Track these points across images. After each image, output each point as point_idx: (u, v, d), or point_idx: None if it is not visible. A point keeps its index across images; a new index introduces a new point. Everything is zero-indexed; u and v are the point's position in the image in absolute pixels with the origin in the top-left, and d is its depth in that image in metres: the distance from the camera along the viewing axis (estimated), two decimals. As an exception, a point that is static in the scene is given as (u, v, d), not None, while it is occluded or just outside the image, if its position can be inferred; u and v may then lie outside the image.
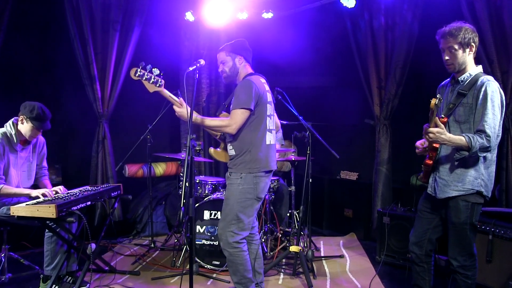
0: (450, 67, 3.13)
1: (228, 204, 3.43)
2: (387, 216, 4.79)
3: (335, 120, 6.53)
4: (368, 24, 5.61)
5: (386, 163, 5.61)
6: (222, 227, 3.42)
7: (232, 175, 3.47)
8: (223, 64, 3.62)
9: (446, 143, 2.97)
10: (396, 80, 5.40)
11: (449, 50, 3.08)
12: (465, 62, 3.09)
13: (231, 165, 3.52)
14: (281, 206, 5.55)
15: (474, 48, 3.09)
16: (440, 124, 2.95)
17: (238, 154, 3.46)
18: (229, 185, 3.47)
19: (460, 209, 3.07)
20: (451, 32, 3.05)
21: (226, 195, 3.48)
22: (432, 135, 2.96)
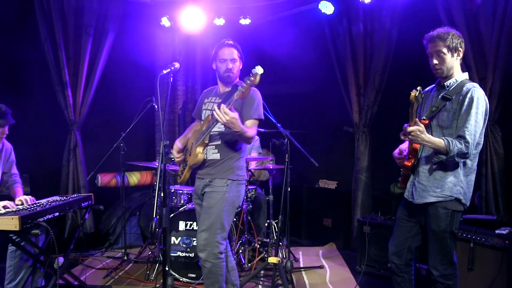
0: (439, 71, 3.07)
1: (212, 214, 3.24)
2: (367, 225, 4.71)
3: (314, 128, 6.44)
4: (346, 31, 5.57)
5: (365, 171, 5.54)
6: (207, 238, 3.21)
7: (216, 182, 3.30)
8: (234, 62, 3.38)
9: (425, 143, 2.91)
10: (375, 87, 5.35)
11: (437, 54, 3.03)
12: (452, 67, 3.04)
13: (212, 171, 3.33)
14: (259, 216, 5.41)
15: (461, 53, 3.05)
16: (420, 124, 2.87)
17: (224, 159, 3.32)
18: (212, 193, 3.29)
19: (440, 216, 3.00)
20: (440, 36, 3.00)
21: (208, 204, 3.28)
22: (413, 134, 2.88)
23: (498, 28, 4.21)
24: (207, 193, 3.31)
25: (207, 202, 3.29)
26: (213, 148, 3.35)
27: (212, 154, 3.35)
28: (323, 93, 6.37)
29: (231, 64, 3.35)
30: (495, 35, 4.23)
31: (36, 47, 5.49)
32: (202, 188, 3.37)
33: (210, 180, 3.32)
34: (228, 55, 3.36)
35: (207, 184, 3.32)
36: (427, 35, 3.09)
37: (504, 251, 3.64)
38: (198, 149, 3.28)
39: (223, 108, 2.98)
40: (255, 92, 3.36)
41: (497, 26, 4.21)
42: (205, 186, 3.34)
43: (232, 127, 3.02)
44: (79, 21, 5.61)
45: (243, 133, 3.09)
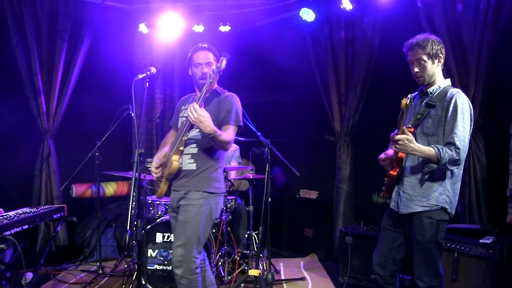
0: (420, 79, 3.02)
1: (188, 228, 3.06)
2: (349, 235, 4.62)
3: (295, 137, 6.37)
4: (328, 38, 5.51)
5: (347, 181, 5.45)
6: (183, 254, 3.03)
7: (192, 194, 3.11)
8: (210, 66, 3.19)
9: (415, 153, 2.83)
10: (356, 95, 5.29)
11: (418, 62, 2.98)
12: (434, 74, 3.00)
13: (188, 183, 3.14)
14: (239, 227, 5.28)
15: (442, 59, 3.01)
16: (407, 132, 2.81)
17: (200, 170, 3.14)
18: (188, 206, 3.10)
19: (425, 226, 2.93)
20: (419, 43, 2.95)
21: (184, 218, 3.09)
22: (401, 142, 2.80)
23: (479, 36, 4.19)
24: (183, 206, 3.13)
25: (182, 216, 3.10)
26: (189, 158, 3.16)
27: (188, 164, 3.16)
28: (304, 101, 6.31)
29: (206, 69, 3.17)
30: (476, 42, 4.21)
31: (7, 52, 5.27)
32: (178, 200, 3.18)
33: (185, 192, 3.13)
34: (203, 59, 3.20)
35: (182, 197, 3.14)
36: (407, 43, 3.05)
37: (488, 261, 3.61)
38: (173, 157, 3.08)
39: (192, 105, 2.82)
40: (233, 97, 3.22)
41: (479, 34, 4.20)
42: (180, 198, 3.16)
43: (202, 127, 2.83)
44: (54, 26, 5.42)
45: (216, 136, 2.91)
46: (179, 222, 3.11)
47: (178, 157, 3.09)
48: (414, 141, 2.81)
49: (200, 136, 3.14)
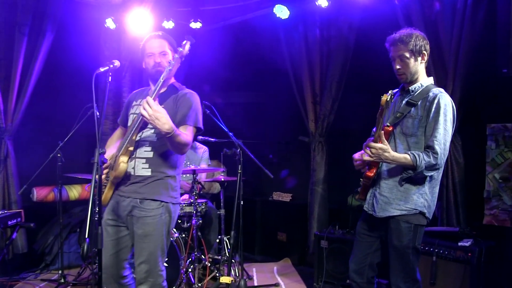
0: (402, 77, 2.89)
1: (151, 241, 2.79)
2: (325, 239, 4.50)
3: (268, 138, 6.22)
4: (302, 37, 5.37)
5: (322, 183, 5.31)
6: (148, 269, 2.78)
7: (149, 204, 2.80)
8: (164, 55, 2.88)
9: (389, 161, 2.72)
10: (332, 95, 5.16)
11: (400, 59, 2.85)
12: (417, 71, 2.87)
13: (142, 189, 2.81)
14: (210, 231, 5.07)
15: (426, 56, 2.89)
16: (384, 140, 2.68)
17: (156, 177, 2.83)
18: (146, 218, 2.78)
19: (402, 231, 2.79)
20: (402, 39, 2.81)
21: (144, 232, 2.78)
22: (374, 151, 2.68)
23: (457, 36, 4.12)
24: (141, 218, 2.79)
25: (142, 230, 2.78)
26: (143, 162, 2.82)
27: (142, 169, 2.82)
28: (278, 101, 6.16)
29: (159, 58, 2.87)
30: (454, 42, 4.13)
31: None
32: (130, 209, 2.82)
33: (140, 201, 2.80)
34: (156, 48, 2.89)
35: (136, 206, 2.80)
36: (389, 37, 2.91)
37: (466, 264, 3.54)
38: (121, 159, 2.75)
39: (146, 99, 2.50)
40: (192, 95, 2.92)
41: (456, 33, 4.12)
42: (133, 207, 2.81)
43: (159, 124, 2.49)
44: (12, 19, 5.08)
45: (174, 135, 2.57)
46: (138, 236, 2.80)
47: (126, 159, 2.78)
48: (389, 149, 2.70)
49: (156, 138, 2.84)
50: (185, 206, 4.64)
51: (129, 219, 2.84)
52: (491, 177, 4.06)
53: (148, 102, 2.49)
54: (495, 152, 4.04)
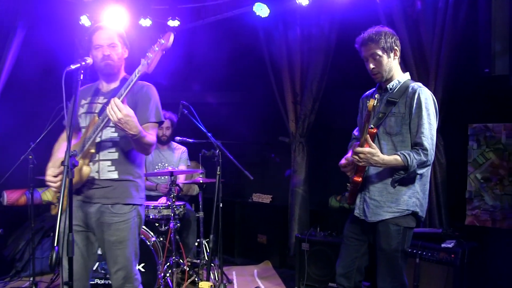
0: (377, 76, 2.82)
1: (126, 247, 2.68)
2: (306, 242, 4.41)
3: (248, 138, 6.13)
4: (282, 35, 5.29)
5: (302, 184, 5.24)
6: (125, 275, 2.68)
7: (121, 208, 2.68)
8: (113, 47, 2.71)
9: (380, 165, 2.63)
10: (312, 95, 5.09)
11: (372, 58, 2.78)
12: (391, 68, 2.80)
13: (111, 194, 2.68)
14: (188, 234, 4.95)
15: (398, 52, 2.82)
16: (372, 143, 2.59)
17: (123, 178, 2.72)
18: (120, 224, 2.67)
19: (391, 234, 2.72)
20: (372, 38, 2.75)
21: (118, 238, 2.66)
22: (362, 156, 2.60)
23: (438, 36, 4.08)
24: (113, 224, 2.66)
25: (116, 237, 2.66)
26: (109, 164, 2.69)
27: (108, 172, 2.68)
28: (258, 101, 6.08)
29: (108, 50, 2.68)
30: (436, 42, 4.10)
31: None
32: (99, 216, 2.67)
33: (112, 206, 2.67)
34: (104, 39, 2.69)
35: (106, 211, 2.66)
36: (358, 38, 2.85)
37: (450, 266, 3.50)
38: (81, 162, 2.58)
39: (114, 102, 2.36)
40: (149, 88, 2.79)
41: (438, 34, 4.09)
42: (103, 213, 2.67)
43: (127, 128, 2.39)
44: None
45: (141, 137, 2.48)
46: (111, 242, 2.67)
47: (88, 161, 2.64)
48: (378, 153, 2.62)
49: (119, 138, 2.71)
50: (163, 209, 4.52)
51: (98, 225, 2.70)
52: (472, 178, 4.04)
53: (117, 105, 2.36)
54: (477, 152, 4.02)
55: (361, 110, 3.09)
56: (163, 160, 5.23)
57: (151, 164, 5.22)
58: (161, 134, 5.16)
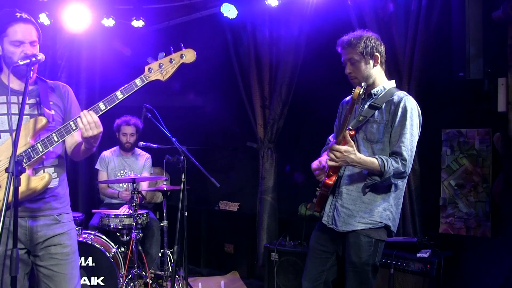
0: (355, 81, 2.70)
1: (73, 260, 2.50)
2: (275, 252, 4.24)
3: (214, 144, 5.97)
4: (251, 37, 5.12)
5: (271, 192, 5.05)
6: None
7: (66, 218, 2.53)
8: (34, 46, 2.45)
9: (356, 164, 2.47)
10: (281, 99, 4.92)
11: (350, 62, 2.67)
12: (370, 75, 2.68)
13: (57, 203, 2.49)
14: (152, 244, 4.74)
15: (379, 58, 2.69)
16: (350, 141, 2.43)
17: (62, 185, 2.55)
18: (66, 235, 2.49)
19: (362, 246, 2.57)
20: (350, 42, 2.64)
21: (69, 250, 2.48)
22: (339, 155, 2.43)
23: (411, 39, 3.99)
24: (63, 235, 2.47)
25: (68, 249, 2.47)
26: (52, 172, 2.48)
27: (52, 179, 2.45)
28: (225, 105, 5.89)
29: (31, 49, 2.40)
30: (408, 46, 4.00)
31: None
32: (45, 229, 2.44)
33: (59, 216, 2.48)
34: (26, 35, 2.40)
35: (54, 223, 2.46)
36: (339, 40, 2.74)
37: (425, 276, 3.39)
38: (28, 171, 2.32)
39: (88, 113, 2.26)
40: (70, 88, 2.69)
41: (410, 37, 3.99)
42: (50, 226, 2.44)
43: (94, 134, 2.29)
44: None
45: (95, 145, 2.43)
46: (62, 255, 2.46)
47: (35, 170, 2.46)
48: (355, 151, 2.46)
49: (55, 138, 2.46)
50: (125, 218, 4.33)
51: (44, 240, 2.45)
52: (446, 184, 3.95)
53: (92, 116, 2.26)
54: (450, 158, 3.94)
55: (340, 115, 2.95)
56: (126, 168, 5.01)
57: (113, 171, 5.00)
58: (125, 141, 4.95)
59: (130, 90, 2.33)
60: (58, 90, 2.61)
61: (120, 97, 2.32)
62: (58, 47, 5.72)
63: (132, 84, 2.34)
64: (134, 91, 2.34)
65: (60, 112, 2.54)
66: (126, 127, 4.95)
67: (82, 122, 2.24)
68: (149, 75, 2.34)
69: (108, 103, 2.31)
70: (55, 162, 2.52)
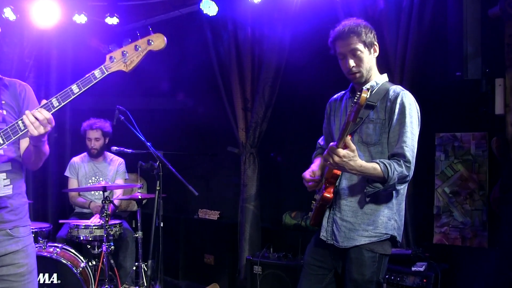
0: (357, 76, 2.41)
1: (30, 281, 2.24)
2: (258, 265, 4.01)
3: (192, 149, 5.73)
4: (232, 36, 4.86)
5: (253, 200, 4.77)
6: None
7: (22, 232, 2.26)
8: None
9: (355, 172, 2.20)
10: (264, 101, 4.66)
11: (352, 54, 2.38)
12: (372, 67, 2.43)
13: (11, 215, 2.24)
14: (126, 257, 4.45)
15: (377, 48, 2.45)
16: (351, 145, 2.15)
17: (18, 194, 2.28)
18: (23, 252, 2.23)
19: (365, 262, 2.31)
20: (354, 30, 2.35)
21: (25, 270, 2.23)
22: (337, 159, 2.15)
23: (403, 38, 3.76)
24: (15, 254, 2.21)
25: (24, 268, 2.22)
26: (4, 178, 2.23)
27: (4, 187, 2.21)
28: (204, 108, 5.66)
29: None
30: (400, 45, 3.78)
31: None
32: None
33: (12, 230, 2.22)
34: None
35: (7, 238, 2.20)
36: (335, 31, 2.43)
37: (421, 291, 3.14)
38: None
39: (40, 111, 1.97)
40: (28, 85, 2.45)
41: (402, 36, 3.77)
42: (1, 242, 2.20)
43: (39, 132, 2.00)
44: None
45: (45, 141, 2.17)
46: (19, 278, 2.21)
47: None
48: (356, 157, 2.18)
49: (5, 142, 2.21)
50: (95, 229, 4.03)
51: None
52: (440, 191, 3.73)
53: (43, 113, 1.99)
54: (445, 164, 3.72)
55: (329, 116, 2.69)
56: (98, 174, 4.72)
57: (84, 178, 4.72)
58: (90, 146, 4.66)
59: (88, 83, 2.07)
60: (13, 88, 2.36)
61: (76, 91, 2.05)
62: (25, 45, 5.40)
63: (90, 76, 2.07)
64: (93, 84, 2.07)
65: (13, 112, 2.28)
66: (90, 131, 4.69)
67: (29, 120, 1.97)
68: (110, 65, 2.08)
69: (62, 99, 2.04)
70: (7, 167, 2.24)
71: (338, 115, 2.58)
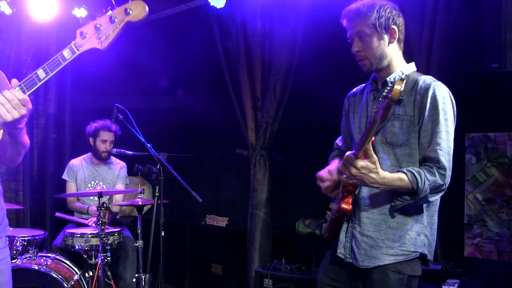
0: (364, 63, 2.10)
1: None
2: (269, 278, 3.73)
3: (199, 151, 5.54)
4: (240, 30, 4.62)
5: (264, 206, 4.53)
6: None
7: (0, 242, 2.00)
8: None
9: (377, 186, 1.87)
10: (276, 99, 4.42)
11: (358, 37, 2.08)
12: (385, 55, 2.08)
13: None
14: (126, 267, 4.26)
15: (397, 33, 2.08)
16: (372, 155, 1.81)
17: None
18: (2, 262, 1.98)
19: (391, 285, 1.99)
20: (359, 11, 2.06)
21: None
22: (355, 172, 1.82)
23: (428, 27, 3.46)
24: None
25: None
26: None
27: None
28: (211, 107, 5.47)
29: None
30: (425, 36, 3.47)
31: None
32: None
33: None
34: None
35: None
36: (345, 11, 2.14)
37: (454, 313, 2.82)
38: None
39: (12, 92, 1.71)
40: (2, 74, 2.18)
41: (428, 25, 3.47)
42: None
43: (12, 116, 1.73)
44: None
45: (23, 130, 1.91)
46: None
47: None
48: (377, 168, 1.85)
49: None
50: (91, 237, 3.76)
51: None
52: (471, 198, 3.39)
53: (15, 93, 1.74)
54: (476, 167, 3.38)
55: (347, 113, 2.36)
56: (98, 178, 4.51)
57: (83, 182, 4.52)
58: (103, 149, 4.42)
59: (57, 65, 1.81)
60: None
61: (43, 76, 1.79)
62: (23, 40, 5.27)
63: (58, 58, 1.81)
64: (62, 66, 1.82)
65: None
66: (107, 133, 4.42)
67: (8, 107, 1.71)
68: (81, 42, 1.80)
69: (27, 87, 1.76)
70: None
71: (358, 112, 2.26)
